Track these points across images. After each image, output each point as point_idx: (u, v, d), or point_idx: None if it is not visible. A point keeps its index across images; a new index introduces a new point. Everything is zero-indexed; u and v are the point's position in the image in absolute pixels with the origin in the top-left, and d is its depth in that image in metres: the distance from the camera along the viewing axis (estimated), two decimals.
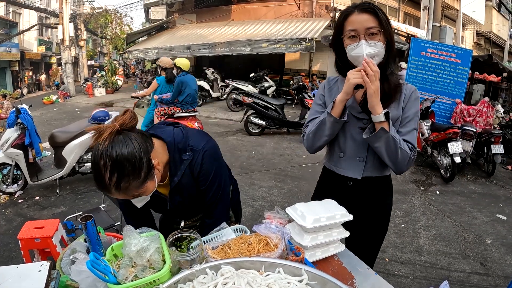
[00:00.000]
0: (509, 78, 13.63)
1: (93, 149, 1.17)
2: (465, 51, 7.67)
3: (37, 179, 4.82)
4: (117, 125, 1.18)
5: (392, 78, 1.57)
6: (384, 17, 1.49)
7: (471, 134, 6.23)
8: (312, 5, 14.26)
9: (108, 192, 1.20)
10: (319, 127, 1.63)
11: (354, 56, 1.50)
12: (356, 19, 1.49)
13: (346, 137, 1.66)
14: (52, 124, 9.88)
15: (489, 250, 3.89)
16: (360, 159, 1.65)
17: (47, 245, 2.37)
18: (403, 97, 1.58)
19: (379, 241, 1.85)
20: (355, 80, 1.43)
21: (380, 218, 1.80)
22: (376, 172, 1.68)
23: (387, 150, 1.50)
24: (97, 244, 1.14)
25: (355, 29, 1.47)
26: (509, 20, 22.83)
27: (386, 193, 1.79)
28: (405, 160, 1.53)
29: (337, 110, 1.54)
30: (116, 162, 1.14)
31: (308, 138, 1.71)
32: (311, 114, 1.75)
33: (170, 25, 18.16)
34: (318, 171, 1.99)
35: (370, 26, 1.46)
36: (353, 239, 1.82)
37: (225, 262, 1.04)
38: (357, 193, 1.72)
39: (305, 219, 1.32)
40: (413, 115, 1.58)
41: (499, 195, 5.75)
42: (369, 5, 1.51)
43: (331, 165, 1.78)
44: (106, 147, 1.14)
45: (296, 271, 1.01)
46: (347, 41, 1.52)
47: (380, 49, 1.47)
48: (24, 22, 24.14)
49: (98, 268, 0.98)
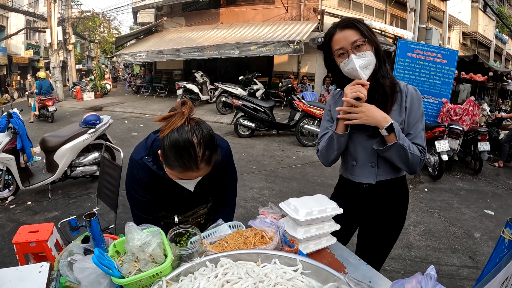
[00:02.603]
0: (495, 78, 13.89)
1: (176, 133, 1.28)
2: (451, 51, 7.79)
3: (29, 184, 4.79)
4: (187, 112, 1.32)
5: (385, 81, 1.62)
6: (365, 27, 1.56)
7: (457, 132, 6.35)
8: (300, 8, 14.35)
9: (195, 169, 1.32)
10: (329, 143, 1.71)
11: (349, 71, 1.57)
12: (340, 37, 1.56)
13: (356, 146, 1.73)
14: (41, 129, 9.82)
15: (477, 244, 3.98)
16: (372, 165, 1.71)
17: (42, 249, 2.37)
18: (404, 98, 1.64)
19: (391, 243, 1.90)
20: (353, 94, 1.51)
21: (395, 220, 1.85)
22: (389, 175, 1.73)
23: (399, 157, 1.58)
24: (100, 241, 1.18)
25: (342, 47, 1.55)
26: (494, 20, 23.21)
27: (402, 196, 1.84)
28: (416, 163, 1.60)
29: (341, 126, 1.63)
30: (208, 138, 1.32)
31: (321, 154, 1.80)
32: (322, 131, 1.84)
33: (159, 29, 18.12)
34: (308, 171, 2.06)
35: (354, 40, 1.53)
36: (365, 239, 1.88)
37: (223, 255, 1.09)
38: (373, 196, 1.78)
39: (298, 213, 1.38)
40: (419, 116, 1.64)
41: (487, 191, 5.88)
42: (348, 20, 1.58)
43: (347, 174, 1.83)
44: (194, 127, 1.30)
45: (291, 261, 1.06)
46: (338, 60, 1.60)
47: (370, 57, 1.54)
48: (12, 25, 23.88)
49: (104, 262, 1.02)
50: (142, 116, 12.37)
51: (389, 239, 1.87)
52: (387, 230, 1.84)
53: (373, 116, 1.52)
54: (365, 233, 1.89)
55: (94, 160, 5.23)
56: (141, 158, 1.55)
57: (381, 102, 1.59)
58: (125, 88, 22.76)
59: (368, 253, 1.76)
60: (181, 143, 1.27)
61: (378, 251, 1.86)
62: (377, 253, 1.86)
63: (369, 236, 1.87)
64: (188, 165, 1.30)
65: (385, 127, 1.51)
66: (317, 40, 12.31)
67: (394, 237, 1.88)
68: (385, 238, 1.85)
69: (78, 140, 4.94)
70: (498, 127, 8.86)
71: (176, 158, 1.29)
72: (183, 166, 1.30)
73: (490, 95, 16.98)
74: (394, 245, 1.91)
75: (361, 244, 1.92)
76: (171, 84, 16.87)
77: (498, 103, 15.38)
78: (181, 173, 1.34)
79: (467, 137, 6.76)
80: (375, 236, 1.84)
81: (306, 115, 8.22)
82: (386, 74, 1.64)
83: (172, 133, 1.28)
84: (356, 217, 1.77)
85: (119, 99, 17.13)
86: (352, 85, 1.53)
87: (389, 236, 1.86)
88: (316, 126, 8.17)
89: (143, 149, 1.58)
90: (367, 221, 1.85)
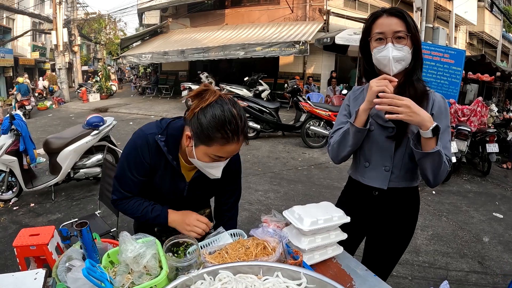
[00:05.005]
0: (502, 78, 13.73)
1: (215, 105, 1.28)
2: (458, 51, 7.71)
3: (32, 186, 4.77)
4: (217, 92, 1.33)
5: (418, 84, 1.53)
6: (412, 23, 1.48)
7: (465, 133, 6.25)
8: (306, 8, 14.30)
9: (236, 140, 1.30)
10: (343, 137, 1.61)
11: (379, 59, 1.49)
12: (384, 22, 1.48)
13: (371, 147, 1.63)
14: (47, 131, 9.82)
15: (486, 249, 3.90)
16: (386, 169, 1.61)
17: (43, 253, 2.34)
18: (431, 104, 1.54)
19: (398, 255, 1.81)
20: (378, 87, 1.39)
21: (403, 231, 1.76)
22: (403, 183, 1.63)
23: (432, 165, 1.44)
24: (92, 251, 1.12)
25: (383, 32, 1.47)
26: (501, 20, 23.00)
27: (413, 207, 1.74)
28: (444, 174, 1.48)
29: (361, 120, 1.50)
30: (243, 112, 1.34)
31: (332, 149, 1.69)
32: (336, 125, 1.73)
33: (164, 30, 18.14)
34: (314, 174, 1.99)
35: (398, 30, 1.45)
36: (372, 249, 1.80)
37: (222, 267, 1.04)
38: (382, 204, 1.69)
39: (302, 222, 1.31)
40: (446, 126, 1.52)
41: (495, 193, 5.78)
42: (398, 9, 1.50)
43: (357, 176, 1.74)
44: (230, 101, 1.30)
45: (295, 274, 1.00)
46: (374, 44, 1.51)
47: (407, 54, 1.46)
48: (18, 27, 24.01)
49: (94, 275, 0.96)
50: (147, 118, 12.35)
51: (397, 250, 1.79)
52: (395, 241, 1.76)
53: (418, 114, 1.33)
54: (373, 243, 1.81)
55: (98, 162, 5.20)
56: (153, 134, 1.45)
57: None
58: (131, 89, 22.81)
59: (375, 263, 1.68)
60: (224, 113, 1.26)
61: (386, 261, 1.79)
62: (385, 263, 1.78)
63: (376, 246, 1.79)
64: (231, 136, 1.27)
65: (430, 128, 1.33)
66: (323, 40, 12.26)
67: (403, 248, 1.79)
68: (393, 248, 1.77)
69: (81, 142, 4.92)
70: (506, 128, 8.75)
71: (218, 129, 1.26)
72: (226, 138, 1.27)
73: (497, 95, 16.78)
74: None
75: (368, 254, 1.84)
76: (176, 85, 16.85)
77: (505, 104, 15.22)
78: (221, 148, 1.30)
79: (475, 138, 6.66)
80: (382, 246, 1.76)
81: (312, 116, 8.14)
82: (421, 78, 1.56)
83: (210, 106, 1.27)
84: (364, 225, 1.69)
85: (124, 101, 17.17)
86: (379, 79, 1.42)
87: (397, 247, 1.78)
88: (322, 127, 8.09)
89: (155, 127, 1.48)
90: (375, 230, 1.77)
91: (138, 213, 1.53)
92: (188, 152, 1.38)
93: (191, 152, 1.35)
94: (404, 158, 1.58)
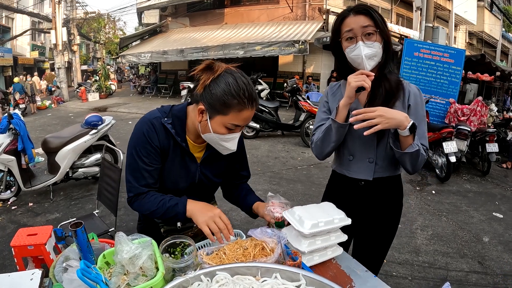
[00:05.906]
0: (502, 77, 13.73)
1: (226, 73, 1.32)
2: (458, 51, 7.70)
3: (31, 185, 4.76)
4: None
5: (391, 76, 1.57)
6: (379, 18, 1.50)
7: (465, 133, 6.24)
8: (305, 8, 14.30)
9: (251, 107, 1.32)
10: (326, 134, 1.63)
11: (353, 58, 1.52)
12: (352, 21, 1.50)
13: (354, 140, 1.66)
14: (46, 130, 9.80)
15: (486, 249, 3.89)
16: (370, 160, 1.65)
17: (41, 252, 2.34)
18: (407, 96, 1.59)
19: (388, 244, 1.84)
20: (356, 83, 1.43)
21: (390, 219, 1.80)
22: (387, 172, 1.68)
23: (411, 158, 1.52)
24: (88, 252, 1.10)
25: (351, 29, 1.49)
26: (501, 19, 23.02)
27: (397, 194, 1.79)
28: (422, 163, 1.56)
29: (342, 115, 1.53)
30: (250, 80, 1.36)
31: (316, 146, 1.72)
32: (317, 122, 1.75)
33: (163, 29, 18.14)
34: (313, 173, 1.98)
35: (366, 25, 1.46)
36: (361, 241, 1.83)
37: (220, 268, 1.02)
38: (368, 194, 1.72)
39: (303, 224, 1.28)
40: (422, 117, 1.60)
41: (495, 193, 5.77)
42: (363, 6, 1.52)
43: (342, 170, 1.77)
44: (238, 71, 1.34)
45: (294, 276, 0.98)
46: (345, 44, 1.54)
47: (378, 49, 1.49)
48: (17, 27, 23.98)
49: (89, 276, 0.94)
50: None
51: (385, 240, 1.82)
52: (383, 230, 1.80)
53: (394, 118, 1.41)
54: (362, 233, 1.82)
55: (96, 162, 5.18)
56: (158, 118, 1.42)
57: (386, 97, 1.54)
58: (130, 88, 22.79)
59: (364, 255, 1.71)
60: (236, 80, 1.29)
61: (375, 252, 1.82)
62: (374, 254, 1.81)
63: (366, 236, 1.81)
64: (246, 102, 1.29)
65: (407, 127, 1.42)
66: (322, 39, 12.24)
67: (390, 238, 1.83)
68: (381, 238, 1.80)
69: (80, 141, 4.90)
70: (506, 127, 8.73)
71: (234, 96, 1.27)
72: (242, 104, 1.29)
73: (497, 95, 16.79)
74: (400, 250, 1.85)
75: (357, 245, 1.87)
76: (175, 84, 16.83)
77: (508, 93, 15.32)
78: (238, 114, 1.31)
79: (475, 138, 6.64)
80: (371, 237, 1.79)
81: (311, 116, 8.10)
82: (393, 70, 1.59)
83: (221, 76, 1.30)
84: (352, 217, 1.69)
85: (123, 100, 17.16)
86: (357, 75, 1.45)
87: (385, 236, 1.81)
88: None
89: (158, 112, 1.46)
90: (363, 220, 1.78)
91: (154, 207, 1.42)
92: (201, 128, 1.37)
93: (205, 126, 1.35)
94: (386, 149, 1.63)
